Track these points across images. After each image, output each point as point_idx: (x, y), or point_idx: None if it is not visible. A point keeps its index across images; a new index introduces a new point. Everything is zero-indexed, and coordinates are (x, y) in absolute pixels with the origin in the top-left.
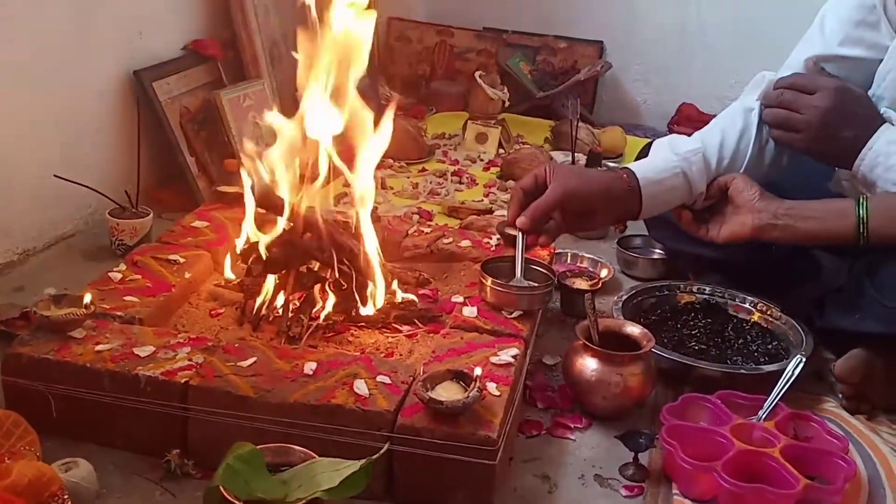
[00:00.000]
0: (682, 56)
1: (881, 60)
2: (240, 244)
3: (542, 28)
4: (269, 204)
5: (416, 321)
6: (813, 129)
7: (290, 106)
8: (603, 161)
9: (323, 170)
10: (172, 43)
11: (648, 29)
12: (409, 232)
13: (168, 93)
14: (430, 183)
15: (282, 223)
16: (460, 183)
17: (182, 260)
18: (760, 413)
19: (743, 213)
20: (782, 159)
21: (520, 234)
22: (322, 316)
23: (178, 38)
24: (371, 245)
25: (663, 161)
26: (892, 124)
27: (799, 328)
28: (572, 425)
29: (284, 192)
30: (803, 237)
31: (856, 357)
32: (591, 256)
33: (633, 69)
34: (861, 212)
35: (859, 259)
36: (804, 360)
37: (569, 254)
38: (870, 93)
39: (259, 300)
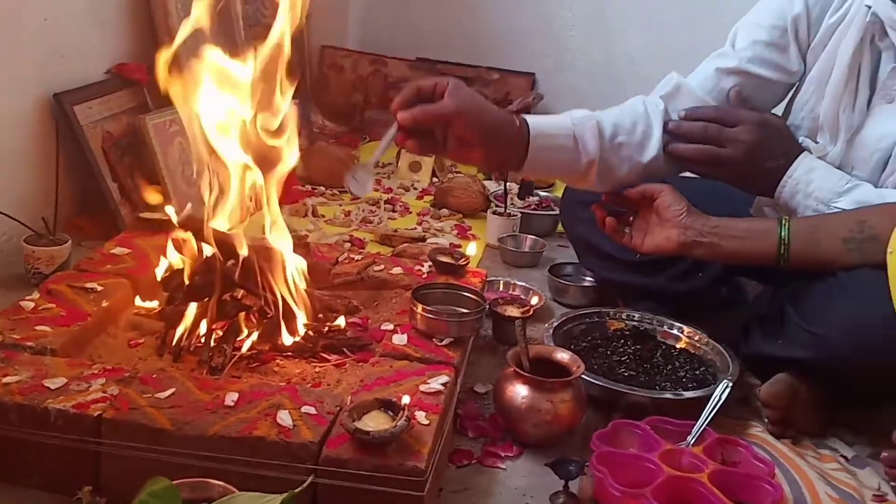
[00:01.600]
0: (612, 86)
1: (787, 84)
2: (161, 271)
3: (475, 59)
4: (193, 229)
5: (344, 350)
6: (739, 162)
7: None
8: (535, 189)
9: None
10: (96, 66)
11: (579, 60)
12: (340, 259)
13: (90, 117)
14: (363, 211)
15: (205, 249)
16: (393, 211)
17: (100, 288)
18: (689, 438)
19: (669, 227)
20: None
21: (394, 126)
22: (246, 345)
23: (102, 61)
24: (298, 272)
25: (559, 121)
26: (811, 152)
27: (726, 354)
28: (503, 454)
29: (209, 217)
30: (727, 255)
31: (780, 382)
32: (523, 284)
33: (565, 100)
34: (783, 233)
35: (783, 286)
36: (731, 385)
37: (501, 281)
38: (788, 122)
39: (180, 329)
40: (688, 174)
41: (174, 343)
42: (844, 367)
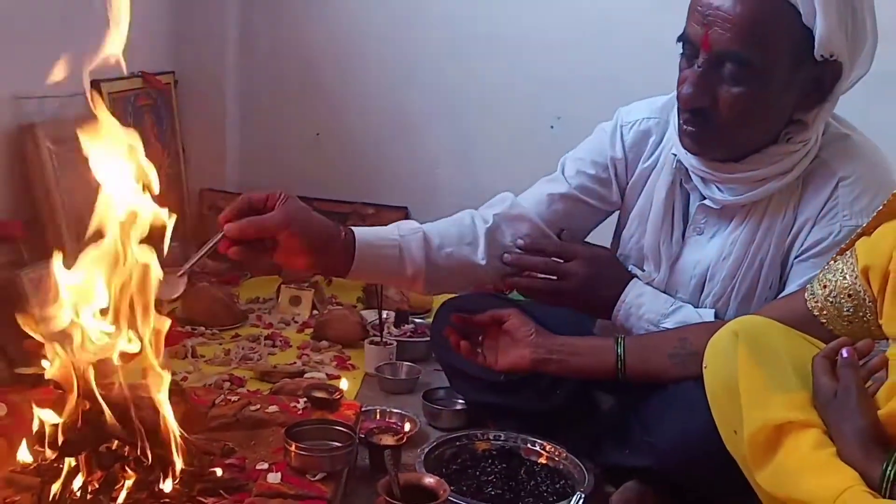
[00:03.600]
0: None
1: (606, 212)
2: (35, 426)
3: (350, 195)
4: (67, 383)
5: (221, 492)
6: (577, 293)
7: None
8: (410, 317)
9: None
10: None
11: (448, 193)
12: (216, 402)
13: None
14: (243, 349)
15: (78, 402)
16: (274, 346)
17: None
18: None
19: (522, 346)
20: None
21: (219, 234)
22: (122, 496)
23: None
24: (171, 419)
25: (386, 232)
26: (639, 279)
27: (582, 466)
28: None
29: (83, 369)
30: (574, 370)
31: (629, 490)
32: (399, 411)
33: None
34: (619, 350)
35: (630, 398)
36: (583, 497)
37: (377, 410)
38: (618, 253)
39: (56, 485)
40: None
41: (50, 499)
42: (679, 472)
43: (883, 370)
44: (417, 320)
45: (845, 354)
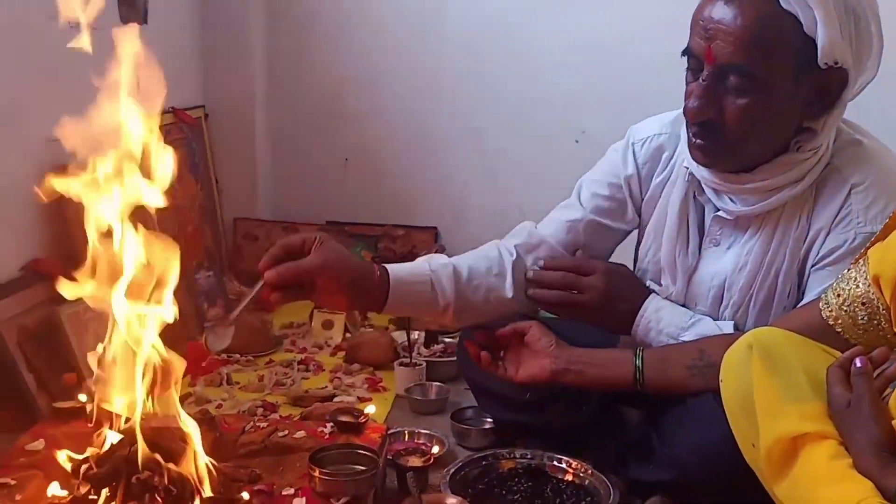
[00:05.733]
0: (506, 234)
1: (625, 231)
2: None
3: (381, 218)
4: (102, 416)
5: None
6: (595, 306)
7: None
8: (439, 337)
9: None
10: (9, 265)
11: (474, 213)
12: (246, 429)
13: (5, 313)
14: (276, 374)
15: (111, 435)
16: (307, 371)
17: (13, 482)
18: None
19: (541, 357)
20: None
21: (259, 282)
22: None
23: (15, 260)
24: (199, 448)
25: (418, 268)
26: (657, 294)
27: (607, 482)
28: None
29: (117, 402)
30: (592, 381)
31: None
32: (427, 432)
33: (465, 250)
34: (637, 361)
35: (654, 411)
36: None
37: (405, 431)
38: (636, 268)
39: None
40: None
41: None
42: (702, 485)
43: None
44: (447, 340)
45: (859, 364)
